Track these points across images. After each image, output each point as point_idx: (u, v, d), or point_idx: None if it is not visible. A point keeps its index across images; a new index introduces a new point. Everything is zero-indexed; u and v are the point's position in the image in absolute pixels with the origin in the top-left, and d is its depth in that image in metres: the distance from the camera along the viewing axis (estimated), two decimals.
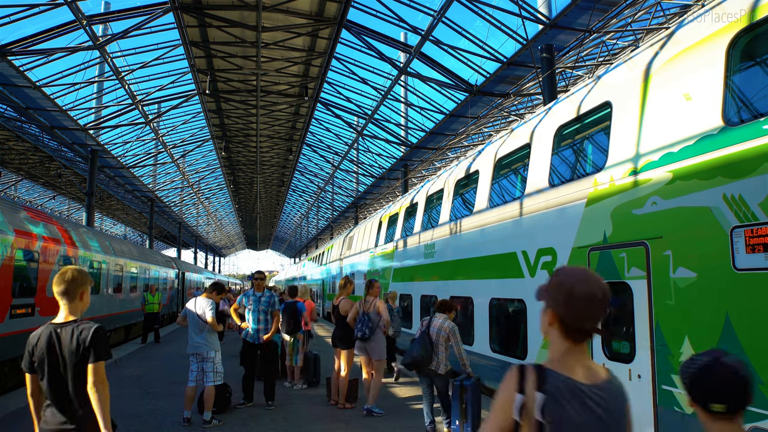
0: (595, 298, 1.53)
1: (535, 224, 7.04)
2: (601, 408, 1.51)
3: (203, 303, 6.71)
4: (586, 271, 1.60)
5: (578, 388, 1.51)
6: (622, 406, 1.58)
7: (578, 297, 1.53)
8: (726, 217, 4.08)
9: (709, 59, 4.50)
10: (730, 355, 1.68)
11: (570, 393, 1.50)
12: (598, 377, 1.58)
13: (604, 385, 1.56)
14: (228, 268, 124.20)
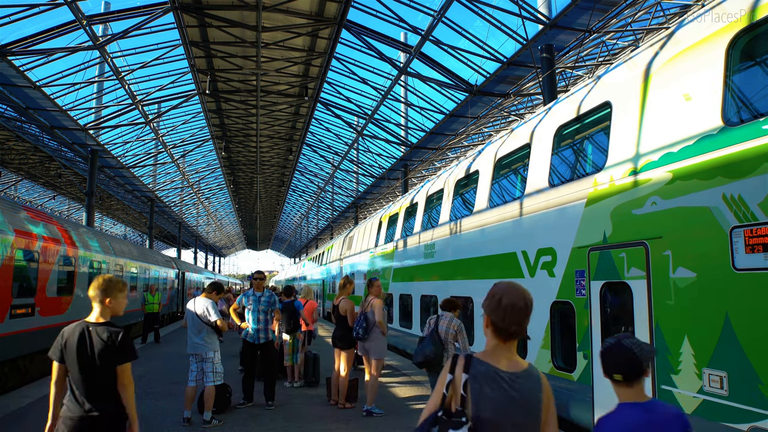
0: (517, 306, 1.96)
1: (535, 224, 7.04)
2: (515, 390, 1.91)
3: (203, 303, 6.68)
4: (513, 285, 2.03)
5: (497, 373, 1.93)
6: (536, 390, 1.96)
7: (504, 306, 1.96)
8: (725, 217, 4.08)
9: (709, 59, 4.50)
10: (632, 338, 2.24)
11: (489, 376, 1.92)
12: (519, 367, 1.98)
13: (522, 373, 1.96)
14: (228, 268, 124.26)
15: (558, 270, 6.33)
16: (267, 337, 7.66)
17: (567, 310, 6.17)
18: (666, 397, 4.54)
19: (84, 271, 13.91)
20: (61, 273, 12.30)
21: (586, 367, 5.69)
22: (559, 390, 6.27)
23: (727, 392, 3.96)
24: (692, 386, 4.27)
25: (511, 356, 2.01)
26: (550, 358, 6.51)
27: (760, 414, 3.70)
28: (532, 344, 6.91)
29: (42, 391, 8.42)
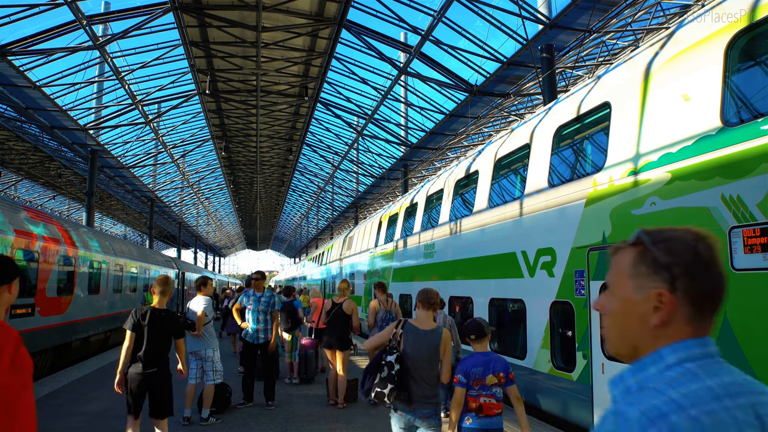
0: (432, 292, 3.80)
1: (534, 224, 7.05)
2: (424, 339, 3.65)
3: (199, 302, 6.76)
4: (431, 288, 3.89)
5: (417, 330, 3.68)
6: (436, 339, 3.65)
7: (424, 291, 3.81)
8: (724, 217, 4.08)
9: (708, 59, 4.51)
10: (481, 318, 4.03)
11: (412, 331, 3.67)
12: (430, 327, 3.71)
13: (430, 330, 3.69)
14: (228, 268, 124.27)
15: (557, 270, 6.34)
16: (267, 337, 7.66)
17: (566, 310, 6.17)
18: None
19: (84, 271, 13.91)
20: (61, 273, 12.31)
21: (585, 367, 5.69)
22: (559, 390, 6.28)
23: None
24: None
25: (428, 321, 3.78)
26: (549, 357, 6.51)
27: None
28: (532, 344, 6.92)
29: (42, 392, 8.42)
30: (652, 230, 1.04)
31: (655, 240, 1.01)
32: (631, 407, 0.86)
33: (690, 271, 0.96)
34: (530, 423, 6.51)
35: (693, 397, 0.85)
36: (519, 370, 7.24)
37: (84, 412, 7.07)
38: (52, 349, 11.99)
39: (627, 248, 1.04)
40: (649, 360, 0.95)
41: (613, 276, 1.05)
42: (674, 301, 0.95)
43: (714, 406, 0.84)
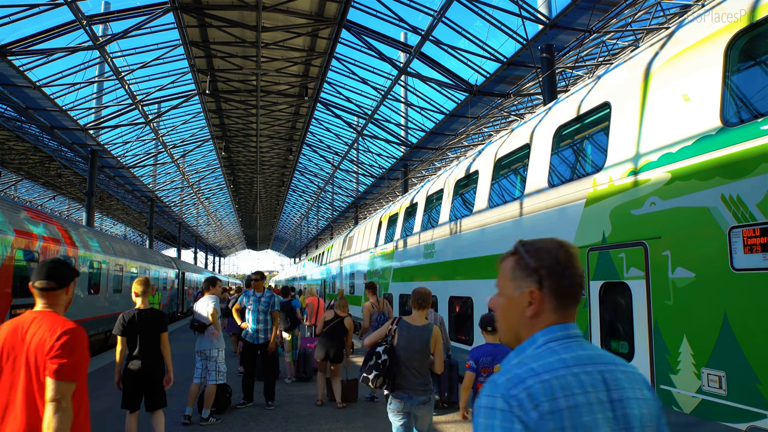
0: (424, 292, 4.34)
1: (534, 224, 7.05)
2: (416, 334, 4.17)
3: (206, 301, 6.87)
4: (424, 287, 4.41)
5: (409, 326, 4.22)
6: (427, 334, 4.17)
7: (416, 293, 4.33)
8: (724, 217, 4.09)
9: (708, 60, 4.51)
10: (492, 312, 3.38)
11: (405, 327, 4.21)
12: (422, 323, 4.22)
13: (422, 326, 4.20)
14: (228, 268, 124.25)
15: None
16: (267, 337, 7.67)
17: None
18: (665, 397, 4.55)
19: (84, 271, 13.91)
20: None
21: None
22: None
23: (726, 392, 3.97)
24: (691, 386, 4.28)
25: (420, 318, 4.29)
26: None
27: (759, 414, 3.71)
28: None
29: None
30: (526, 242, 1.30)
31: (527, 249, 1.28)
32: (501, 376, 1.12)
33: (553, 273, 1.21)
34: None
35: (547, 366, 1.11)
36: None
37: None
38: None
39: (509, 257, 1.31)
40: (527, 343, 1.22)
41: (500, 279, 1.33)
42: (542, 297, 1.21)
43: (562, 372, 1.10)
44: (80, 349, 2.46)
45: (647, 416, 1.14)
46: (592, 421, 1.06)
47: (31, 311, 2.54)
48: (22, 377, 2.37)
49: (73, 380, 2.39)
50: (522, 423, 1.02)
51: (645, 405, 1.15)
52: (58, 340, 2.36)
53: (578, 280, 1.22)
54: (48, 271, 2.54)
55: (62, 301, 2.59)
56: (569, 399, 1.06)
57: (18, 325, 2.47)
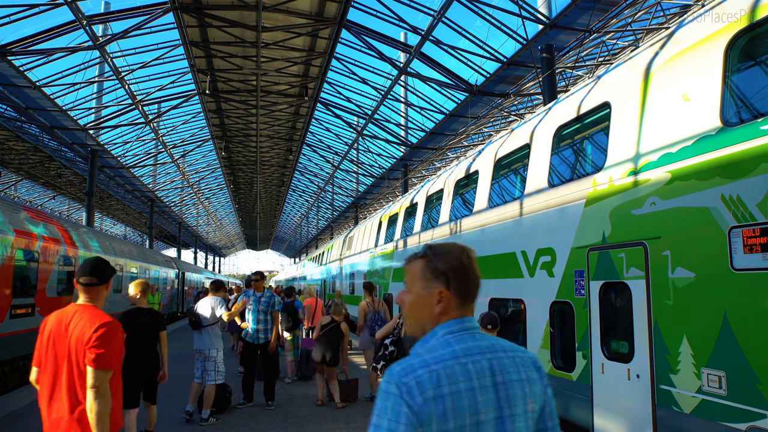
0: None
1: (534, 224, 7.05)
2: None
3: (210, 302, 6.97)
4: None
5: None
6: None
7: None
8: (724, 217, 4.09)
9: (708, 60, 4.51)
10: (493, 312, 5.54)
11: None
12: None
13: None
14: (228, 268, 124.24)
15: (557, 270, 6.34)
16: (267, 337, 7.67)
17: (566, 310, 6.18)
18: (665, 397, 4.55)
19: None
20: (61, 273, 12.31)
21: (585, 367, 5.69)
22: (559, 390, 6.28)
23: (726, 392, 3.97)
24: (691, 386, 4.28)
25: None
26: (549, 357, 6.51)
27: (759, 413, 3.71)
28: (532, 344, 6.92)
29: None
30: (433, 246, 1.46)
31: (435, 254, 1.42)
32: (397, 366, 1.27)
33: (457, 275, 1.39)
34: None
35: (438, 358, 1.28)
36: None
37: None
38: None
39: (417, 259, 1.45)
40: (429, 336, 1.38)
41: (409, 279, 1.46)
42: (449, 296, 1.37)
43: (450, 362, 1.27)
44: (115, 341, 2.70)
45: (531, 394, 1.32)
46: (473, 404, 1.24)
47: (74, 304, 2.79)
48: (65, 365, 2.64)
49: (109, 369, 2.65)
50: (408, 407, 1.20)
51: (529, 385, 1.33)
52: (95, 332, 2.62)
53: (476, 281, 1.43)
54: (91, 269, 2.82)
55: (102, 295, 2.88)
56: (453, 386, 1.24)
57: (61, 317, 2.74)
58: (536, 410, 1.34)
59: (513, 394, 1.29)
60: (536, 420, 1.35)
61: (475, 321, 1.40)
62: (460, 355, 1.29)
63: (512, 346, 1.39)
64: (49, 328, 2.75)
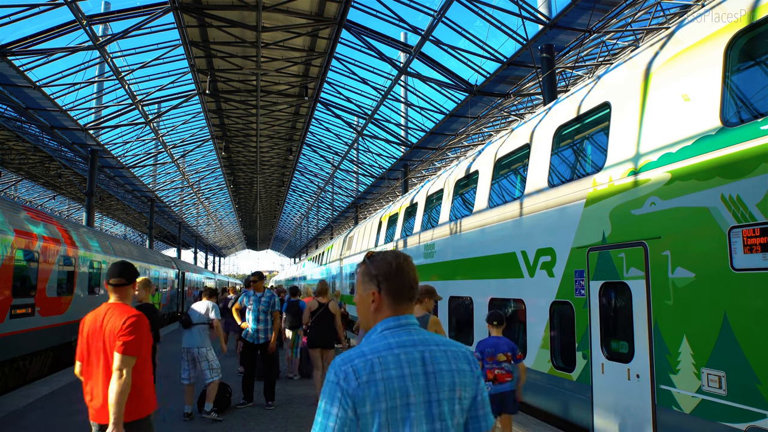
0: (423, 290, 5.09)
1: (534, 224, 7.05)
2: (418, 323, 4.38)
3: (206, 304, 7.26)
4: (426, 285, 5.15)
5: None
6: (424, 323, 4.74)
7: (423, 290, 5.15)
8: (724, 217, 4.09)
9: (708, 60, 4.51)
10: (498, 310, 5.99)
11: None
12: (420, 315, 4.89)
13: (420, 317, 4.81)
14: (228, 268, 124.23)
15: (557, 270, 6.34)
16: (267, 337, 7.66)
17: (566, 310, 6.18)
18: (665, 397, 4.55)
19: (84, 271, 13.91)
20: (61, 273, 12.31)
21: (585, 367, 5.69)
22: (559, 390, 6.28)
23: (726, 392, 3.97)
24: (691, 386, 4.28)
25: (420, 311, 4.89)
26: (549, 357, 6.52)
27: (759, 413, 3.71)
28: (532, 344, 6.92)
29: (42, 392, 8.43)
30: (372, 254, 1.67)
31: (372, 260, 1.63)
32: (339, 357, 1.46)
33: (388, 278, 1.58)
34: (530, 423, 6.52)
35: (374, 349, 1.47)
36: None
37: (84, 412, 7.07)
38: (52, 349, 11.99)
39: (360, 265, 1.67)
40: (371, 331, 1.57)
41: (357, 281, 1.68)
42: (380, 297, 1.58)
43: (384, 353, 1.45)
44: (141, 332, 3.06)
45: (460, 383, 1.50)
46: (403, 387, 1.41)
47: (106, 303, 3.22)
48: (101, 356, 3.06)
49: (134, 355, 3.01)
50: (343, 391, 1.38)
51: (458, 375, 1.50)
52: (124, 323, 3.02)
53: (408, 283, 1.60)
54: (120, 271, 3.22)
55: (130, 294, 3.29)
56: (385, 373, 1.41)
57: (97, 315, 3.17)
58: (466, 398, 1.51)
59: (441, 382, 1.46)
60: (468, 407, 1.52)
61: (413, 318, 1.60)
62: (394, 347, 1.48)
63: (446, 341, 1.56)
64: (87, 326, 3.17)
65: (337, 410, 1.38)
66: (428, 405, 1.43)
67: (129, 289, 3.26)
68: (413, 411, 1.41)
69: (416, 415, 1.42)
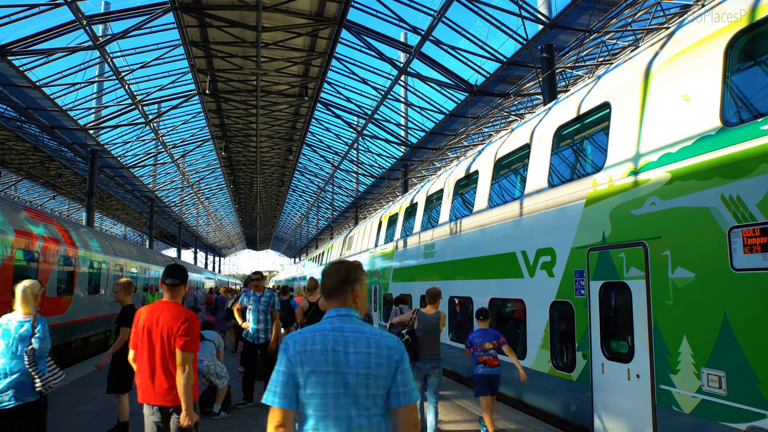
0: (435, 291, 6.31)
1: (534, 224, 7.05)
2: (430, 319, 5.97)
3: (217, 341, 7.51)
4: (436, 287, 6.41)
5: (424, 314, 6.04)
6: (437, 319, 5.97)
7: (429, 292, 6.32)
8: (724, 217, 4.09)
9: (708, 60, 4.51)
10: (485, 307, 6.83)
11: (421, 315, 6.04)
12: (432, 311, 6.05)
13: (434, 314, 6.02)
14: (228, 268, 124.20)
15: (557, 270, 6.34)
16: (267, 337, 7.67)
17: (566, 310, 6.18)
18: (665, 397, 4.55)
19: (84, 271, 13.91)
20: (61, 273, 12.31)
21: (585, 367, 5.69)
22: (559, 390, 6.28)
23: (726, 392, 3.97)
24: (691, 386, 4.28)
25: (432, 308, 6.02)
26: (549, 357, 6.52)
27: (759, 413, 3.71)
28: (532, 344, 6.92)
29: None
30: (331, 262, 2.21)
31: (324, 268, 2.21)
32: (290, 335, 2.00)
33: (323, 279, 2.14)
34: (530, 423, 6.52)
35: (312, 329, 1.99)
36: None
37: (84, 412, 7.08)
38: (52, 349, 11.97)
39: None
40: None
41: None
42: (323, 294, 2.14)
43: (317, 333, 1.96)
44: (195, 330, 3.55)
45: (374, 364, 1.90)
46: (322, 360, 1.90)
47: (160, 301, 3.67)
48: (158, 348, 3.52)
49: (192, 351, 3.51)
50: (286, 356, 1.92)
51: (375, 357, 1.91)
52: (182, 324, 3.49)
53: (334, 284, 2.09)
54: (174, 272, 3.66)
55: (182, 293, 3.71)
56: (313, 346, 1.92)
57: (152, 311, 3.62)
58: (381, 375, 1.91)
59: (357, 361, 1.90)
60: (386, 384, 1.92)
61: (353, 311, 2.05)
62: (327, 329, 1.97)
63: (374, 331, 1.99)
64: (143, 320, 3.62)
65: (282, 367, 1.92)
66: (344, 376, 1.88)
67: (181, 289, 3.69)
68: (331, 377, 1.88)
69: (334, 381, 1.88)
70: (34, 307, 4.35)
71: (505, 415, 6.84)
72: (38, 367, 4.14)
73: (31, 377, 4.09)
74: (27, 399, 4.09)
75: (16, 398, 4.03)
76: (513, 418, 6.74)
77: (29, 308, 4.29)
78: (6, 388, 4.02)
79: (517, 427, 6.29)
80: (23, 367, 4.07)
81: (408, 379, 1.95)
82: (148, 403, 3.59)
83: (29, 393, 4.08)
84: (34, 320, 4.27)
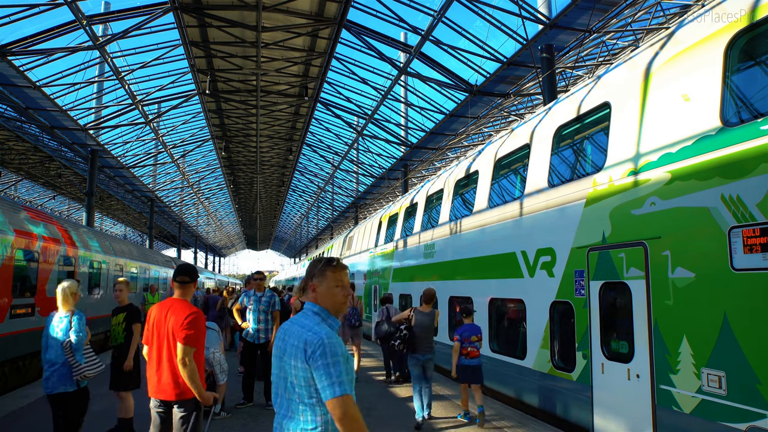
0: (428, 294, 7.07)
1: (534, 224, 7.05)
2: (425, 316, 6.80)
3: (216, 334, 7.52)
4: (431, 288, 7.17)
5: (420, 311, 6.85)
6: (432, 316, 6.85)
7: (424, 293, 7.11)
8: (724, 217, 4.09)
9: (708, 60, 4.51)
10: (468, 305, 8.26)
11: (418, 312, 6.83)
12: (428, 309, 6.87)
13: (429, 311, 6.84)
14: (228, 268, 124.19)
15: (557, 270, 6.34)
16: (267, 337, 7.67)
17: (566, 310, 6.18)
18: (665, 397, 4.55)
19: (84, 271, 13.91)
20: (62, 273, 12.31)
21: (585, 367, 5.69)
22: (559, 390, 6.28)
23: (726, 392, 3.97)
24: (691, 386, 4.28)
25: (427, 307, 6.87)
26: (549, 357, 6.52)
27: (759, 413, 3.71)
28: (532, 344, 6.92)
29: (42, 392, 8.40)
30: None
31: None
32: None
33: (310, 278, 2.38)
34: (529, 423, 6.51)
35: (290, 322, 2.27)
36: (518, 370, 7.24)
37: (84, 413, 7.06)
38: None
39: None
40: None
41: None
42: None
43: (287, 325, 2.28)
44: (199, 326, 3.67)
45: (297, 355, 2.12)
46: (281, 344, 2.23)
47: (171, 298, 3.84)
48: (165, 343, 3.66)
49: (194, 346, 3.61)
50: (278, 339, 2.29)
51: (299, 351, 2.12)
52: (186, 318, 3.61)
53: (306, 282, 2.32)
54: (185, 271, 3.83)
55: (191, 291, 3.87)
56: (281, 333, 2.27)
57: (162, 307, 3.78)
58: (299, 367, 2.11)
59: (290, 351, 2.16)
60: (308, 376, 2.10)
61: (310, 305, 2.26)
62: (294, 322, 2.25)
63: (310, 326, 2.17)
64: (153, 316, 3.79)
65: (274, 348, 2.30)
66: (281, 359, 2.21)
67: (191, 286, 3.86)
68: (277, 360, 2.24)
69: (278, 364, 2.24)
70: (72, 304, 5.17)
71: (505, 415, 6.84)
72: (75, 358, 4.84)
73: (69, 368, 4.77)
74: (66, 388, 4.77)
75: (57, 386, 4.75)
76: (513, 417, 6.74)
77: (69, 305, 5.14)
78: (50, 375, 4.75)
79: (517, 427, 6.29)
80: (64, 358, 4.79)
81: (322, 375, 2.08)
82: (155, 398, 3.73)
83: (68, 382, 4.76)
84: (71, 316, 5.06)
